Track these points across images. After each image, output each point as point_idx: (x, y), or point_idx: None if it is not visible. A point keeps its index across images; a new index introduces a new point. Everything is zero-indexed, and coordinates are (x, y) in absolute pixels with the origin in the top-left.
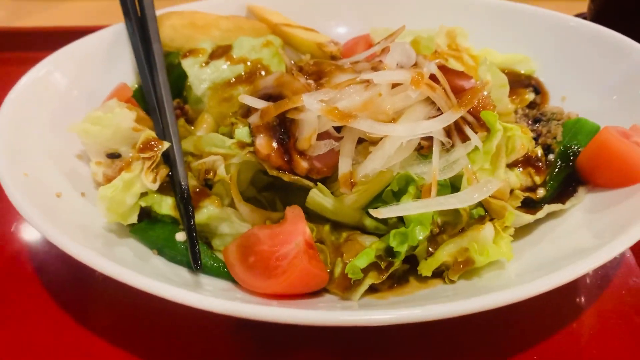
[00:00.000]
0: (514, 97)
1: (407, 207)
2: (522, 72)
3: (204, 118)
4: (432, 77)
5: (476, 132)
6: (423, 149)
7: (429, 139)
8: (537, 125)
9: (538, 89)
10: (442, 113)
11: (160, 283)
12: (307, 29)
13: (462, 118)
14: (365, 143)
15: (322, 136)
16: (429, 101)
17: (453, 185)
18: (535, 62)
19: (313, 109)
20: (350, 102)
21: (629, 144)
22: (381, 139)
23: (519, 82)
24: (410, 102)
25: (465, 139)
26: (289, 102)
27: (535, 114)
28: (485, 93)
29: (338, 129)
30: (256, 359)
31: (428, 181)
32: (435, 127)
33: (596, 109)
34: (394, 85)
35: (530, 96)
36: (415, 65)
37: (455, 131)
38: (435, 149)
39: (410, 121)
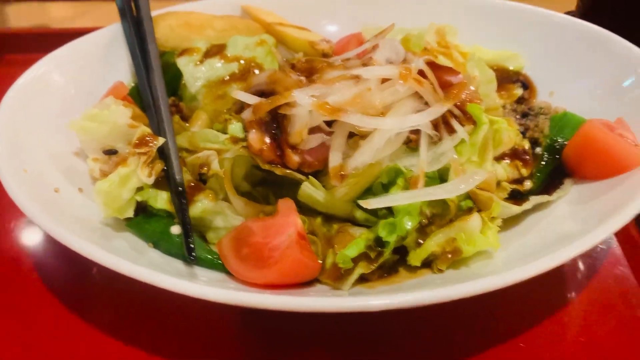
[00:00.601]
0: (502, 93)
1: (395, 198)
2: (511, 68)
3: (198, 115)
4: (421, 73)
5: (463, 125)
6: (411, 142)
7: (418, 132)
8: (525, 119)
9: (526, 85)
10: (430, 107)
11: (155, 272)
12: (300, 27)
13: (449, 111)
14: (355, 137)
15: (313, 131)
16: (417, 96)
17: (441, 178)
18: (524, 58)
19: (304, 103)
20: (340, 97)
21: (613, 136)
22: (371, 132)
23: (507, 78)
24: (398, 96)
25: (452, 132)
26: (281, 98)
27: (524, 108)
28: (472, 88)
29: (329, 124)
30: (256, 352)
31: (416, 173)
32: (422, 120)
33: (583, 104)
34: (384, 81)
35: (518, 91)
36: (404, 61)
37: (443, 124)
38: (423, 141)
39: (399, 115)
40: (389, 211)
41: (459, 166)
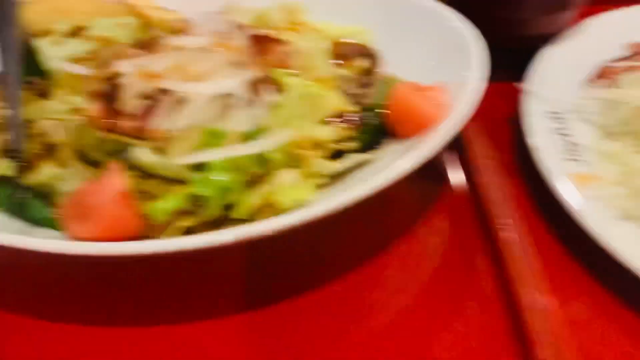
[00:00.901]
0: (346, 64)
1: (206, 155)
2: (358, 42)
3: (55, 92)
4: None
5: (279, 91)
6: (228, 106)
7: (234, 96)
8: (364, 88)
9: (371, 58)
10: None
11: None
12: (161, 9)
13: (265, 77)
14: (182, 103)
15: (145, 98)
16: (236, 63)
17: (258, 138)
18: (370, 33)
19: (127, 72)
20: (162, 66)
21: (415, 95)
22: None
23: (354, 51)
24: (217, 63)
25: (266, 96)
26: (109, 68)
27: (366, 79)
28: (297, 58)
29: (164, 93)
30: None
31: (232, 134)
32: (235, 85)
33: (421, 74)
34: (207, 50)
35: (362, 64)
36: (231, 33)
37: (257, 88)
38: (238, 105)
39: (215, 80)
40: None
41: (273, 127)
